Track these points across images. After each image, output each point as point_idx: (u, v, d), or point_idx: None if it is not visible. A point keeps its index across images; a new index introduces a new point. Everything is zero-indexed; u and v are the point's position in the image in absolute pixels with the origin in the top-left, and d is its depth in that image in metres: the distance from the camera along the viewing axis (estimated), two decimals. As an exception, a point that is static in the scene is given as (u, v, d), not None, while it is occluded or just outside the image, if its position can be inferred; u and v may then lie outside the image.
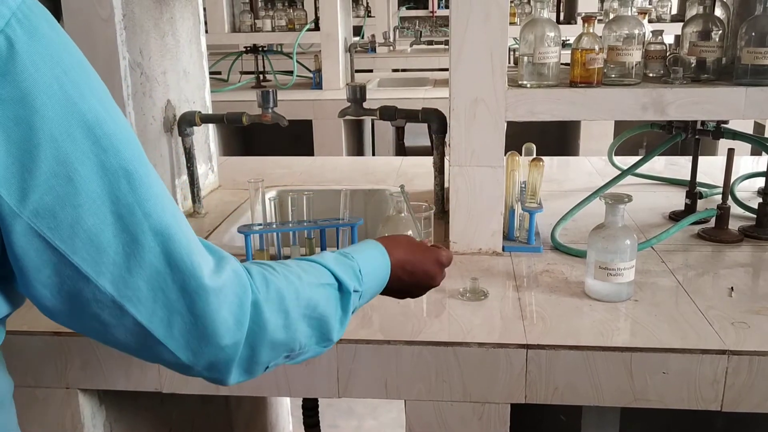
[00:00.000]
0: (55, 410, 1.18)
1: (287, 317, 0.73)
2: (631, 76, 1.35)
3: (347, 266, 0.84)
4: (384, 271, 0.92)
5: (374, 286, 0.90)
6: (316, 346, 0.79)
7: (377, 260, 0.91)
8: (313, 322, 0.77)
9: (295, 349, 0.76)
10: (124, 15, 1.40)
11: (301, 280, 0.77)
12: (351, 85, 1.61)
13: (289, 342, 0.75)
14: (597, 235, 1.19)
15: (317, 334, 0.78)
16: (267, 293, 0.72)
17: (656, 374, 1.05)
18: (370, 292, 0.89)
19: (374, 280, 0.89)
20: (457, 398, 1.10)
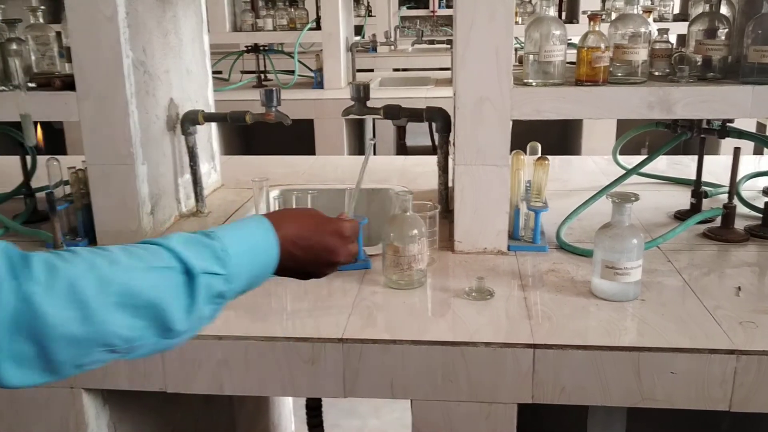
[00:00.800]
0: (60, 410, 1.18)
1: (85, 308, 0.64)
2: (637, 74, 1.35)
3: (201, 246, 0.75)
4: (268, 249, 0.82)
5: (255, 267, 0.80)
6: (156, 338, 0.69)
7: (255, 237, 0.81)
8: (140, 312, 0.67)
9: (115, 344, 0.66)
10: (127, 13, 1.39)
11: (117, 265, 0.68)
12: (354, 84, 1.60)
13: (97, 336, 0.65)
14: (604, 235, 1.18)
15: (151, 325, 0.68)
16: (49, 283, 0.63)
17: (664, 374, 1.04)
18: (247, 274, 0.79)
19: (251, 260, 0.79)
20: (463, 398, 1.09)
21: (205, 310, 0.74)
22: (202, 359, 1.12)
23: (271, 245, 0.82)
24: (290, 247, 0.85)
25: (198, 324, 0.74)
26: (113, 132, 1.42)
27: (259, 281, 0.82)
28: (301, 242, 0.86)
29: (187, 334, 0.73)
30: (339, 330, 1.12)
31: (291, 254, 0.85)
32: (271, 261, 0.83)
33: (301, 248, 0.86)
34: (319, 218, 0.91)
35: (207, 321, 0.75)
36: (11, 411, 1.18)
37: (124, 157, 1.43)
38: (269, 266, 0.83)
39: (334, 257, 0.91)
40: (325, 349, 1.10)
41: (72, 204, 1.50)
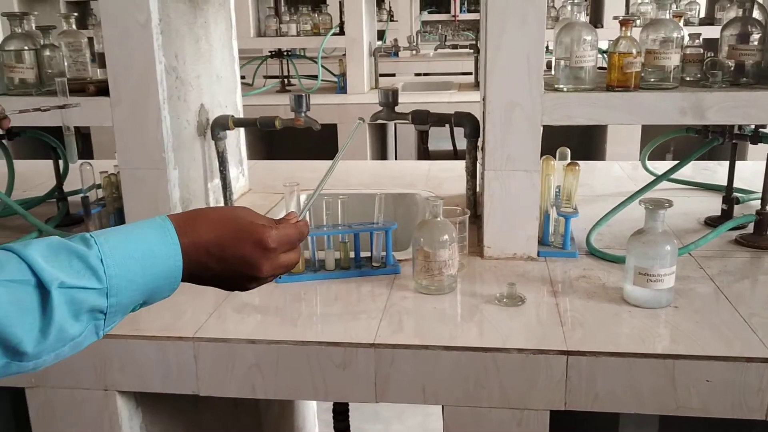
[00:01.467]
0: (94, 412, 1.19)
1: None
2: (669, 80, 1.34)
3: (69, 255, 0.63)
4: (166, 257, 0.69)
5: (148, 279, 0.68)
6: (5, 360, 0.60)
7: (148, 242, 0.68)
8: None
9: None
10: (160, 20, 1.40)
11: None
12: (383, 89, 1.61)
13: None
14: (636, 241, 1.18)
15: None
16: None
17: (700, 382, 1.03)
18: (138, 286, 0.67)
19: (143, 270, 0.67)
20: (495, 404, 1.09)
21: (72, 329, 0.62)
22: (234, 363, 1.13)
23: (171, 252, 0.70)
24: (201, 256, 0.73)
25: (62, 344, 0.63)
26: (146, 137, 1.44)
27: (164, 292, 0.71)
28: (214, 250, 0.73)
29: (48, 355, 0.62)
30: (370, 335, 1.12)
31: (202, 264, 0.73)
32: (172, 271, 0.70)
33: (216, 258, 0.74)
34: (240, 224, 0.76)
35: (84, 339, 0.64)
36: (48, 411, 1.20)
37: (157, 162, 1.45)
38: (171, 277, 0.70)
39: (254, 271, 0.77)
40: (356, 354, 1.10)
41: (104, 208, 1.52)
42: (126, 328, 1.16)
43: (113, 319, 0.67)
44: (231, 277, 0.77)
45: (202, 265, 0.73)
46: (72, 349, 0.64)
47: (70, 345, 0.63)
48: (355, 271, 1.36)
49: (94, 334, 0.66)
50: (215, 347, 1.13)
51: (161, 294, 0.71)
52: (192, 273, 0.73)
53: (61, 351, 0.63)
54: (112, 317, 0.66)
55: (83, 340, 0.65)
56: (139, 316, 1.20)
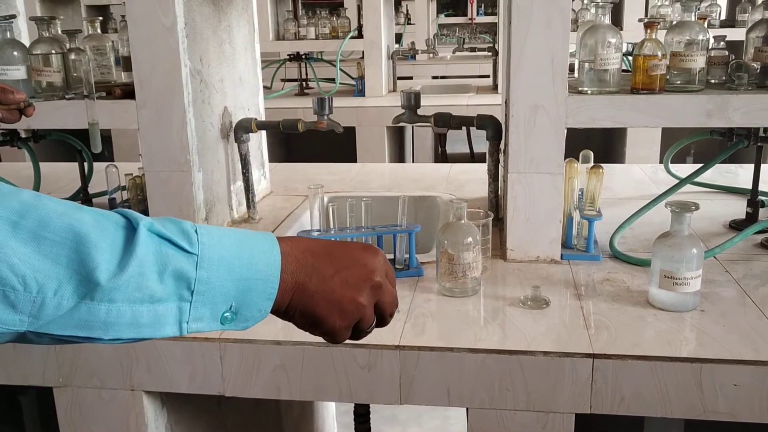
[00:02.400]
0: (120, 411, 1.20)
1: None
2: (694, 82, 1.33)
3: (164, 219, 0.58)
4: (261, 247, 0.61)
5: (241, 261, 0.59)
6: (73, 294, 0.52)
7: (242, 231, 0.62)
8: (54, 249, 0.51)
9: (7, 282, 0.49)
10: (186, 23, 1.42)
11: (40, 197, 0.54)
12: (406, 92, 1.61)
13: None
14: (662, 244, 1.17)
15: (67, 271, 0.51)
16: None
17: (727, 386, 1.02)
18: (230, 268, 0.58)
19: (237, 250, 0.59)
20: (520, 407, 1.09)
21: (157, 284, 0.55)
22: (260, 364, 1.14)
23: (271, 248, 0.62)
24: (306, 258, 0.64)
25: (140, 294, 0.54)
26: (171, 140, 1.45)
27: (258, 295, 0.60)
28: (321, 253, 0.65)
29: (121, 299, 0.54)
30: (395, 337, 1.12)
31: (308, 266, 0.64)
32: (270, 264, 0.61)
33: (324, 260, 0.65)
34: (341, 241, 0.73)
35: (165, 314, 0.56)
36: (75, 411, 1.21)
37: (181, 165, 1.46)
38: (270, 273, 0.61)
39: (369, 272, 0.67)
40: (381, 356, 1.10)
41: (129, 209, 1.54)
42: (152, 329, 1.17)
43: (201, 313, 0.58)
44: (343, 283, 0.66)
45: (310, 268, 0.64)
46: (151, 321, 0.56)
47: (148, 309, 0.55)
48: (378, 273, 1.36)
49: (176, 320, 0.57)
50: (241, 348, 1.13)
51: (255, 297, 0.60)
52: (298, 279, 0.63)
53: (138, 311, 0.55)
54: (198, 305, 0.57)
55: (164, 315, 0.56)
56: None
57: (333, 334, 0.68)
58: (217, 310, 0.59)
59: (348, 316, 0.67)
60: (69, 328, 0.53)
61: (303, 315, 0.65)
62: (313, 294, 0.64)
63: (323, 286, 0.64)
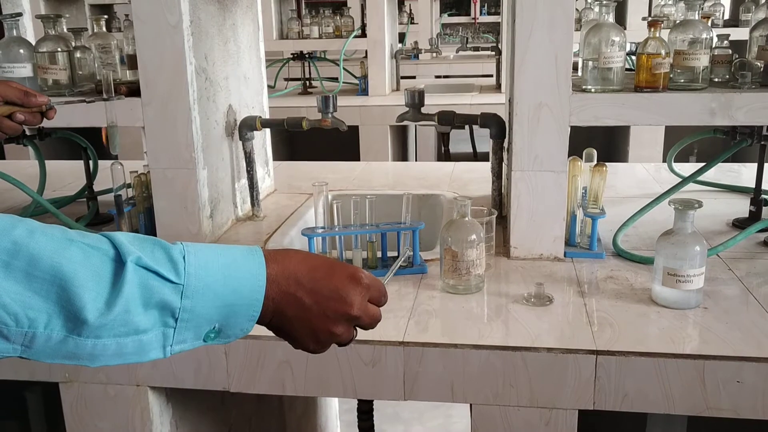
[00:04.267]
0: (125, 407, 1.21)
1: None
2: (698, 80, 1.33)
3: (152, 244, 0.60)
4: (247, 273, 0.63)
5: (228, 292, 0.62)
6: (62, 330, 0.55)
7: (232, 255, 0.64)
8: (43, 287, 0.54)
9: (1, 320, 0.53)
10: (191, 21, 1.43)
11: (36, 233, 0.56)
12: (409, 90, 1.62)
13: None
14: (665, 241, 1.17)
15: (56, 309, 0.55)
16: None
17: (730, 383, 1.03)
18: (216, 297, 0.61)
19: (224, 280, 0.62)
20: (524, 403, 1.09)
21: (139, 317, 0.58)
22: (264, 360, 1.14)
23: (256, 270, 0.64)
24: (291, 286, 0.67)
25: (125, 331, 0.57)
26: (176, 137, 1.46)
27: (241, 319, 0.63)
28: (305, 281, 0.68)
29: (109, 339, 0.57)
30: (399, 333, 1.13)
31: (291, 295, 0.67)
32: (254, 291, 0.64)
33: (307, 290, 0.67)
34: (332, 261, 0.73)
35: (149, 342, 0.59)
36: (81, 406, 1.22)
37: (186, 162, 1.47)
38: (252, 298, 0.64)
39: (346, 307, 0.70)
40: (385, 352, 1.11)
41: (134, 207, 1.55)
42: (158, 325, 1.17)
43: (183, 336, 0.61)
44: (320, 314, 0.69)
45: (291, 297, 0.67)
46: (135, 350, 0.59)
47: (133, 340, 0.58)
48: (382, 270, 1.37)
49: (160, 345, 0.60)
50: (246, 344, 1.14)
51: (238, 320, 0.63)
52: (279, 306, 0.66)
53: (123, 343, 0.58)
54: (182, 330, 0.61)
55: (148, 342, 0.59)
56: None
57: (308, 351, 0.73)
58: (200, 332, 0.62)
59: (321, 343, 0.72)
60: (58, 358, 0.57)
61: (280, 332, 0.71)
62: (291, 319, 0.68)
63: (301, 314, 0.68)
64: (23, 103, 1.13)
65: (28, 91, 1.13)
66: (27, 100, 1.13)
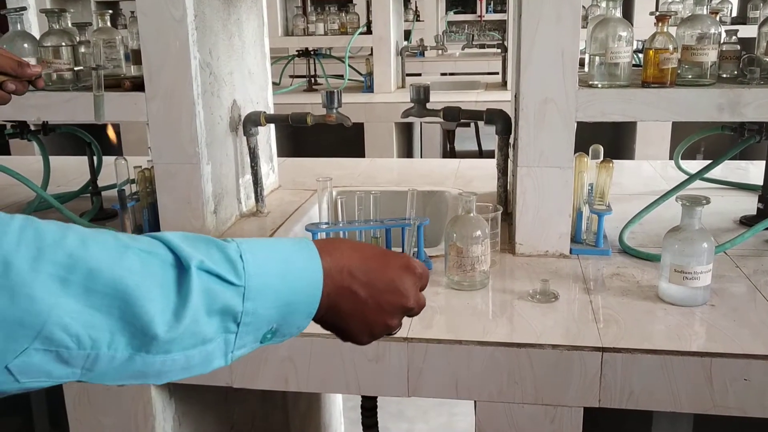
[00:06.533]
0: (128, 403, 1.21)
1: (13, 275, 0.46)
2: (706, 76, 1.32)
3: (208, 243, 0.56)
4: (303, 269, 0.61)
5: (287, 290, 0.59)
6: (129, 347, 0.51)
7: (286, 251, 0.60)
8: (103, 301, 0.49)
9: (59, 340, 0.47)
10: (195, 16, 1.42)
11: (90, 241, 0.50)
12: (415, 86, 1.61)
13: (29, 319, 0.46)
14: (673, 238, 1.16)
15: (119, 324, 0.50)
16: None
17: (737, 381, 1.02)
18: (276, 296, 0.58)
19: (282, 279, 0.58)
20: (528, 400, 1.08)
21: (206, 325, 0.54)
22: (267, 356, 1.14)
23: (312, 266, 0.61)
24: (345, 280, 0.64)
25: (194, 342, 0.53)
26: (180, 132, 1.45)
27: (299, 316, 0.61)
28: (359, 274, 0.65)
29: (178, 353, 0.53)
30: (403, 329, 1.11)
31: (346, 289, 0.64)
32: (312, 286, 0.61)
33: (362, 283, 0.65)
34: (383, 249, 0.72)
35: (213, 350, 0.55)
36: (84, 401, 1.21)
37: (190, 157, 1.46)
38: (310, 294, 0.61)
39: (402, 299, 0.68)
40: (389, 348, 1.10)
41: (138, 202, 1.54)
42: (161, 320, 1.17)
43: (245, 341, 0.58)
44: (376, 307, 0.67)
45: (346, 291, 0.64)
46: (201, 361, 0.55)
47: (200, 351, 0.54)
48: (386, 266, 1.36)
49: (222, 352, 0.56)
50: (249, 340, 1.13)
51: (295, 318, 0.60)
52: (334, 301, 0.63)
53: (191, 355, 0.54)
54: (243, 334, 0.57)
55: (213, 351, 0.55)
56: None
57: (359, 344, 0.71)
58: (259, 334, 0.59)
59: (376, 335, 0.70)
60: (122, 379, 0.53)
61: (333, 327, 0.68)
62: (346, 314, 0.65)
63: (357, 309, 0.66)
64: (17, 73, 1.10)
65: (21, 61, 1.11)
66: (21, 71, 1.11)
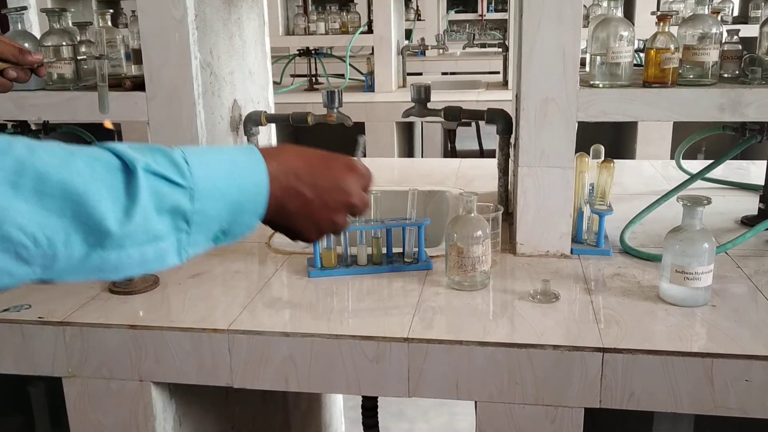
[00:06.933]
0: (129, 402, 1.20)
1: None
2: (708, 76, 1.32)
3: (152, 150, 0.60)
4: (249, 170, 0.65)
5: (233, 190, 0.63)
6: (84, 244, 0.55)
7: (231, 155, 0.65)
8: (56, 203, 0.52)
9: (19, 241, 0.51)
10: (196, 15, 1.42)
11: (33, 149, 0.53)
12: (415, 85, 1.61)
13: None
14: (673, 238, 1.16)
15: (73, 223, 0.53)
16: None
17: (738, 382, 1.02)
18: (223, 196, 0.62)
19: (228, 180, 0.63)
20: (529, 401, 1.08)
21: (157, 222, 0.58)
22: (268, 355, 1.13)
23: (256, 167, 0.66)
24: (291, 181, 0.69)
25: (147, 239, 0.58)
26: (180, 132, 1.45)
27: (247, 216, 0.65)
28: (304, 175, 0.70)
29: (133, 249, 0.57)
30: (404, 329, 1.12)
31: (292, 189, 0.69)
32: (259, 186, 0.66)
33: (307, 184, 0.71)
34: (326, 152, 0.76)
35: (167, 248, 0.59)
36: (84, 401, 1.21)
37: (191, 157, 1.46)
38: (256, 193, 0.65)
39: (347, 196, 0.74)
40: (390, 348, 1.10)
41: (139, 202, 1.54)
42: (161, 320, 1.17)
43: (197, 240, 0.62)
44: (322, 205, 0.72)
45: (293, 191, 0.69)
46: (155, 257, 0.59)
47: (153, 247, 0.58)
48: (387, 266, 1.36)
49: (175, 250, 0.60)
50: (249, 339, 1.13)
51: (245, 216, 0.65)
52: (281, 201, 0.68)
53: (145, 251, 0.58)
54: (196, 233, 0.61)
55: (167, 249, 0.60)
56: (174, 308, 1.22)
57: (307, 242, 0.78)
58: (210, 234, 0.63)
59: (323, 231, 0.76)
60: (82, 275, 0.57)
61: (282, 228, 0.74)
62: (293, 213, 0.71)
63: (303, 208, 0.71)
64: (18, 60, 1.10)
65: (22, 48, 1.11)
66: (22, 58, 1.10)
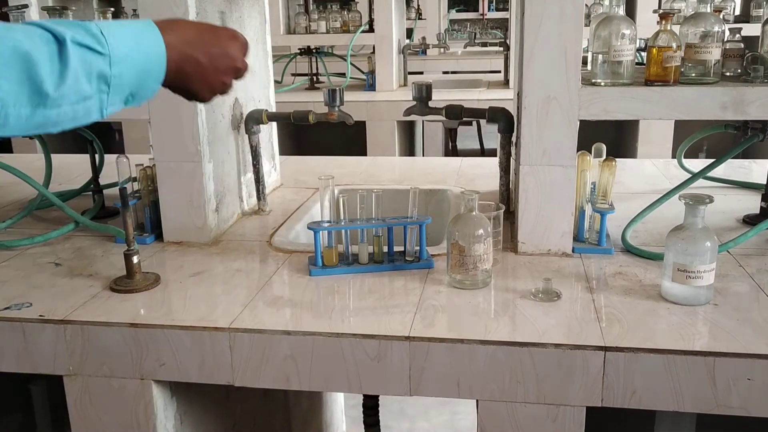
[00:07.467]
0: (130, 400, 1.20)
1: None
2: (710, 74, 1.32)
3: (72, 24, 0.72)
4: (152, 41, 0.79)
5: (140, 56, 0.77)
6: (28, 104, 0.68)
7: (135, 28, 0.78)
8: (10, 69, 0.66)
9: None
10: (197, 13, 1.42)
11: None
12: (417, 84, 1.60)
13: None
14: (676, 237, 1.16)
15: (19, 83, 0.67)
16: None
17: (740, 380, 1.01)
18: (133, 61, 0.76)
19: (136, 46, 0.76)
20: (531, 400, 1.08)
21: (85, 85, 0.71)
22: (269, 354, 1.13)
23: (157, 38, 0.80)
24: (187, 48, 0.83)
25: (76, 97, 0.71)
26: (182, 130, 1.45)
27: (151, 80, 0.79)
28: (198, 43, 0.85)
29: (67, 106, 0.71)
30: (405, 328, 1.12)
31: (187, 55, 0.84)
32: (161, 56, 0.80)
33: (201, 51, 0.85)
34: (212, 25, 0.93)
35: (92, 105, 0.73)
36: (85, 399, 1.21)
37: (192, 155, 1.46)
38: (158, 62, 0.80)
39: (234, 62, 0.91)
40: (391, 347, 1.10)
41: (140, 200, 1.54)
42: (162, 319, 1.17)
43: (113, 100, 0.75)
44: (214, 69, 0.87)
45: (189, 57, 0.84)
46: (84, 114, 0.73)
47: (82, 106, 0.72)
48: (388, 265, 1.36)
49: (98, 108, 0.74)
50: (250, 338, 1.13)
51: (149, 81, 0.79)
52: (179, 66, 0.82)
53: (76, 108, 0.72)
54: (113, 95, 0.75)
55: (91, 107, 0.73)
56: (175, 307, 1.21)
57: (202, 101, 0.94)
58: (123, 96, 0.77)
59: (215, 91, 0.92)
60: (29, 130, 0.71)
61: (180, 90, 0.89)
62: (190, 76, 0.86)
63: (199, 71, 0.86)
64: None
65: None
66: None
